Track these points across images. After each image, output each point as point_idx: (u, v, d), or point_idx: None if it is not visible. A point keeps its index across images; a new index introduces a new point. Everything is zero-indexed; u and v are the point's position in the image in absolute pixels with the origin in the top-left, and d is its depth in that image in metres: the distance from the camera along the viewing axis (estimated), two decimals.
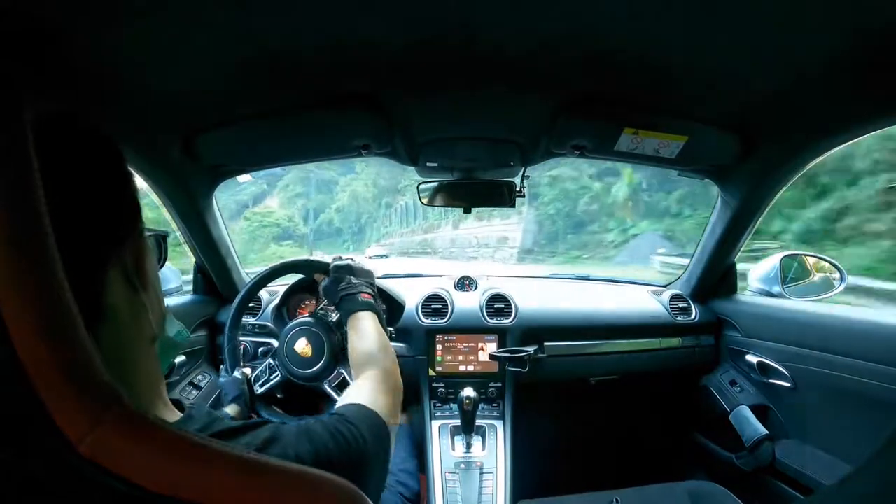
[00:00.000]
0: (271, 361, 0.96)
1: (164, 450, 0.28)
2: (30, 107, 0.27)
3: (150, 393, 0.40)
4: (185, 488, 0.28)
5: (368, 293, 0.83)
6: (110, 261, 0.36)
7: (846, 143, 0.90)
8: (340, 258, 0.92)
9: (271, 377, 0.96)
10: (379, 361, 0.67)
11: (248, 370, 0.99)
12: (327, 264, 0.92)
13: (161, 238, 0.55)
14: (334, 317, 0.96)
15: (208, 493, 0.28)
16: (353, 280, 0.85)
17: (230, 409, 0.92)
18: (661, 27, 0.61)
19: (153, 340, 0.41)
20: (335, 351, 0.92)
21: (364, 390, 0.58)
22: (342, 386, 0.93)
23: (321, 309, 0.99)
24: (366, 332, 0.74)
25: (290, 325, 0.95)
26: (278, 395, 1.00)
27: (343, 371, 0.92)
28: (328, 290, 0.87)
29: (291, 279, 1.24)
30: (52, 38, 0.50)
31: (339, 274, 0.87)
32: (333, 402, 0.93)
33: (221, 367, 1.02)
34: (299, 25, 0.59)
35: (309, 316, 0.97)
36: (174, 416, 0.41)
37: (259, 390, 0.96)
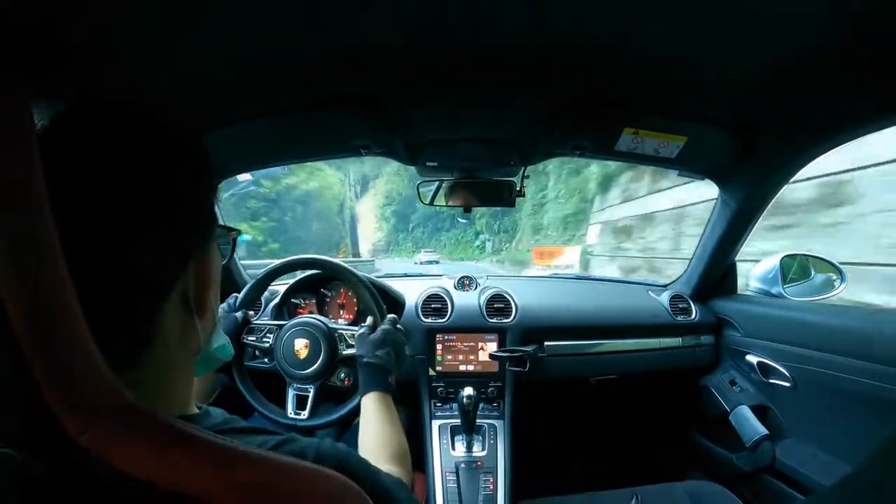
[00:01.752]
0: (270, 344, 0.99)
1: (167, 444, 0.28)
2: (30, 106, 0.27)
3: (181, 398, 0.39)
4: (186, 480, 0.28)
5: (394, 375, 0.81)
6: (172, 286, 0.34)
7: (845, 143, 0.90)
8: (396, 320, 0.91)
9: (263, 359, 1.01)
10: (398, 466, 0.63)
11: (251, 313, 1.02)
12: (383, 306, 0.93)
13: (232, 239, 0.51)
14: (349, 351, 0.95)
15: (209, 485, 0.28)
16: (391, 357, 0.82)
17: None
18: (661, 27, 0.61)
19: (196, 353, 0.40)
20: (325, 367, 0.95)
21: None
22: (311, 400, 0.95)
23: (344, 349, 0.97)
24: (389, 423, 0.71)
25: (297, 321, 0.97)
26: (258, 368, 1.04)
27: (315, 387, 0.96)
28: (364, 341, 0.84)
29: (291, 278, 1.24)
30: (51, 37, 0.50)
31: (387, 337, 0.84)
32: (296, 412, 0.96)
33: (228, 298, 1.01)
34: (299, 25, 0.59)
35: (323, 324, 0.97)
36: (195, 412, 0.40)
37: (247, 364, 1.00)
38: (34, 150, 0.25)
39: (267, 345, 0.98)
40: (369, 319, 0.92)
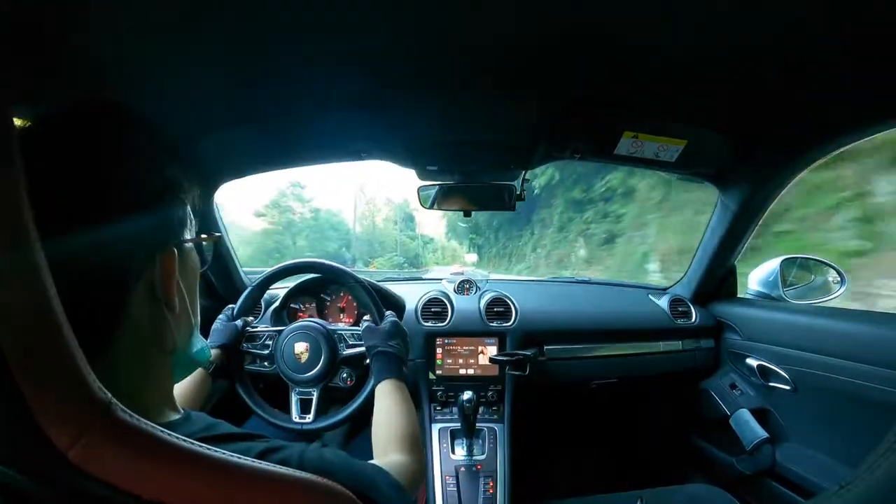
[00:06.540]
0: (270, 350, 0.98)
1: (152, 456, 0.28)
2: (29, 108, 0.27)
3: (159, 398, 0.40)
4: (175, 493, 0.28)
5: (407, 364, 0.82)
6: (138, 276, 0.35)
7: (845, 146, 0.90)
8: (396, 315, 0.91)
9: (264, 363, 0.99)
10: (409, 453, 0.62)
11: (250, 318, 1.00)
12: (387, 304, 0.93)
13: (212, 242, 0.52)
14: (350, 351, 0.95)
15: (198, 497, 0.28)
16: (402, 347, 0.82)
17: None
18: (661, 30, 0.61)
19: (172, 352, 0.40)
20: (327, 369, 0.94)
21: (388, 467, 0.51)
22: (315, 403, 0.95)
23: (344, 349, 0.97)
24: (402, 409, 0.70)
25: (296, 325, 0.97)
26: (260, 386, 1.02)
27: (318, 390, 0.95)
28: (374, 332, 0.84)
29: (291, 281, 1.24)
30: (52, 40, 0.51)
31: (398, 329, 0.84)
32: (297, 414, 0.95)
33: (226, 309, 1.01)
34: (298, 27, 0.59)
35: (322, 326, 0.97)
36: (176, 417, 0.40)
37: (248, 368, 0.99)
38: (16, 154, 0.25)
39: (267, 351, 0.98)
40: (367, 317, 0.94)
